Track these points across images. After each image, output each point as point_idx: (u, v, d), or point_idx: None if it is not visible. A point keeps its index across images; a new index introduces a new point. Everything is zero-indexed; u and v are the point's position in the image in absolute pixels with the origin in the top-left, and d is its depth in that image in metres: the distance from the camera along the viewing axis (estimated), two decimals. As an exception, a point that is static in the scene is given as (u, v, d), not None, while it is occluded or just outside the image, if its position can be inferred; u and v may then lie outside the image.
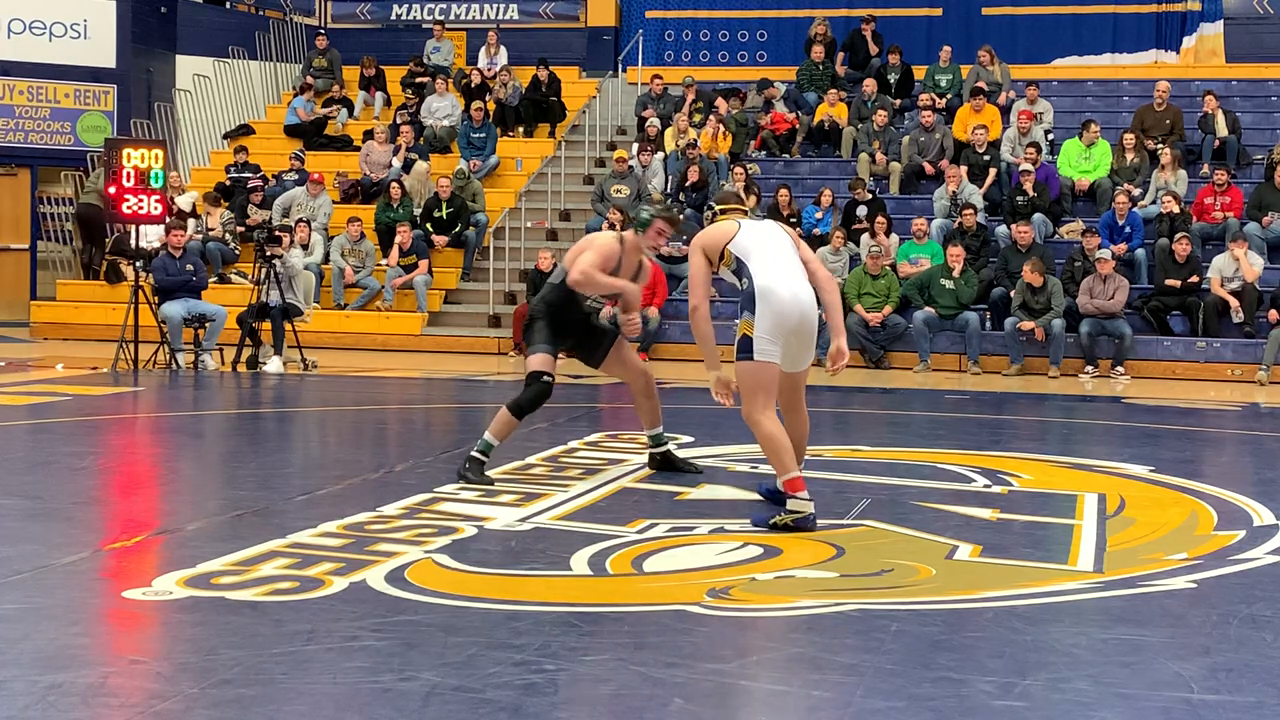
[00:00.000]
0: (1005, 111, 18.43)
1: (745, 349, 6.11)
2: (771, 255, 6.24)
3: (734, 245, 6.27)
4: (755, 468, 7.85)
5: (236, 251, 17.50)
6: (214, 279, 16.35)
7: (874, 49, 20.37)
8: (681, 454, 7.96)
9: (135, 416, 10.88)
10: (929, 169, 17.87)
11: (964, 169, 16.94)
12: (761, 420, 6.13)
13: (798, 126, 19.23)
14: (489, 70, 20.76)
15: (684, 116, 19.00)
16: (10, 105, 19.51)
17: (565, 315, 7.35)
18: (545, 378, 7.21)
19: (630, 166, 17.95)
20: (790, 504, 6.11)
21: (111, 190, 13.67)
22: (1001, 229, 16.18)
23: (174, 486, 7.55)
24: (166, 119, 20.76)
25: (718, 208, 6.63)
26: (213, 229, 17.46)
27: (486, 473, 7.16)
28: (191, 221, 17.29)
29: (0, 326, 18.63)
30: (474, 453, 7.20)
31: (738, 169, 17.52)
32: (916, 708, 3.82)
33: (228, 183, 19.02)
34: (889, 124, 18.55)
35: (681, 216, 16.95)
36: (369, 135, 19.53)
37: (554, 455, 8.17)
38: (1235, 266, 14.99)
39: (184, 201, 17.88)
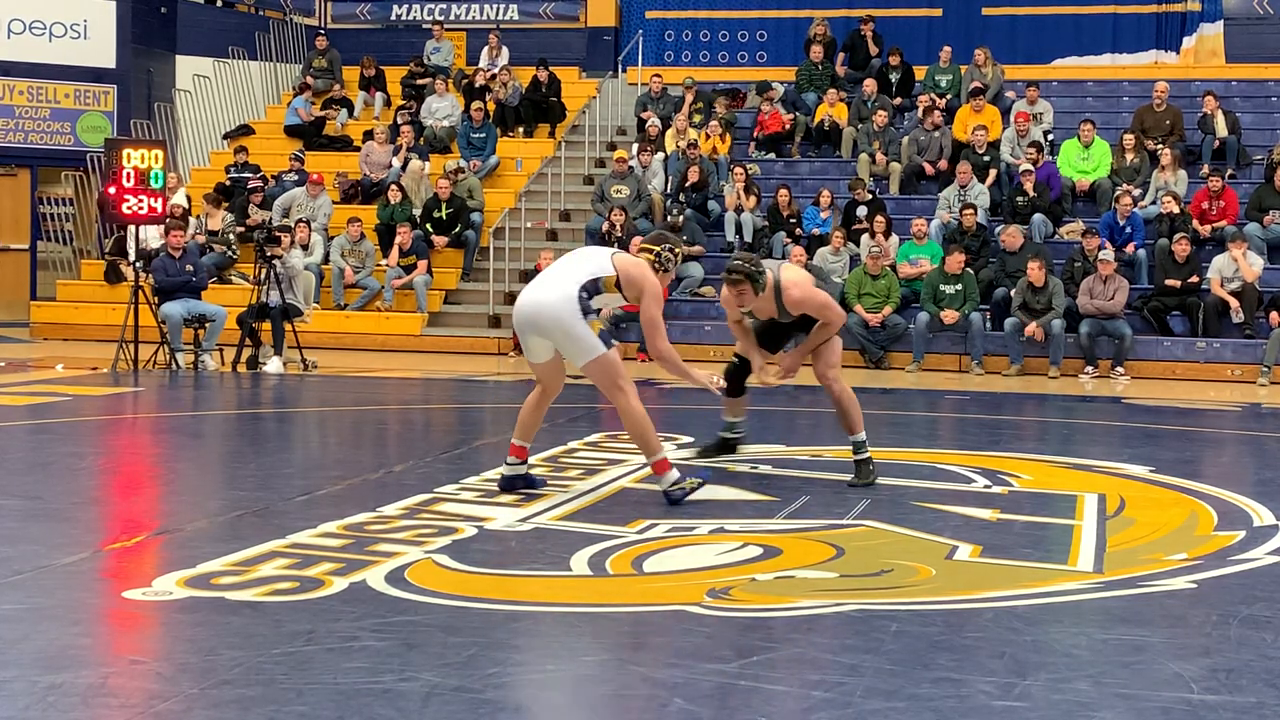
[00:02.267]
0: (1005, 112, 18.43)
1: None
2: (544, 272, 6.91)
3: None
4: (755, 468, 7.86)
5: (232, 255, 17.45)
6: (213, 279, 16.32)
7: (874, 49, 20.37)
8: (680, 454, 7.97)
9: (135, 417, 10.88)
10: (929, 169, 17.85)
11: (969, 168, 16.95)
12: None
13: (791, 127, 19.19)
14: (489, 70, 20.76)
15: (684, 117, 19.00)
16: (10, 105, 19.50)
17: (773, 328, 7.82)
18: (734, 358, 7.94)
19: (630, 167, 17.95)
20: (505, 465, 6.98)
21: (111, 191, 13.67)
22: (1001, 229, 16.19)
23: (174, 486, 7.55)
24: (166, 119, 20.75)
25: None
26: (214, 231, 17.45)
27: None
28: (191, 221, 17.26)
29: (0, 326, 18.63)
30: (720, 434, 8.10)
31: (738, 169, 17.53)
32: (916, 708, 3.82)
33: (228, 183, 19.01)
34: (889, 124, 18.55)
35: (682, 219, 17.09)
36: (369, 135, 19.53)
37: (554, 455, 8.16)
38: (1235, 267, 14.99)
39: (176, 200, 17.81)
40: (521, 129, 20.36)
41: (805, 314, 7.42)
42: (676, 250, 6.98)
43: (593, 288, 6.63)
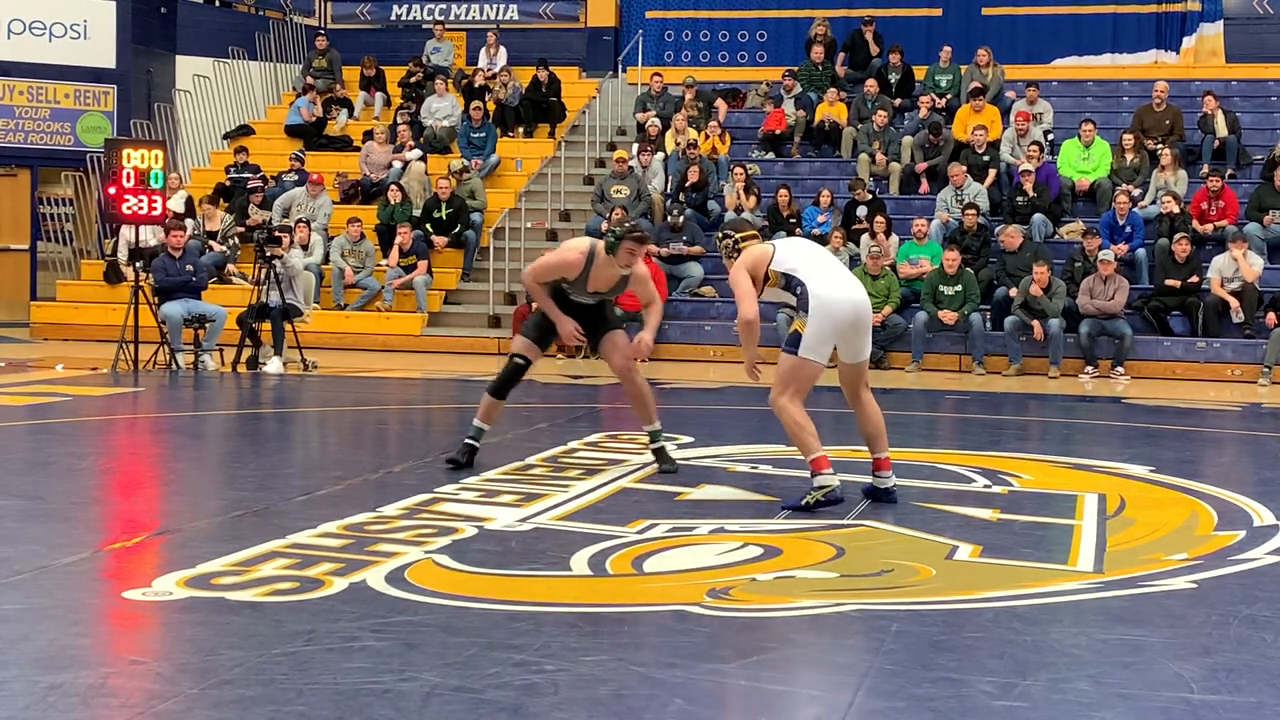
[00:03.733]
0: (1005, 112, 18.43)
1: (793, 343, 6.61)
2: (816, 264, 6.71)
3: (776, 264, 6.68)
4: (755, 468, 7.85)
5: (229, 254, 17.45)
6: (213, 279, 16.32)
7: (874, 49, 20.37)
8: (680, 454, 7.98)
9: (135, 417, 10.88)
10: (920, 170, 17.78)
11: (963, 169, 16.93)
12: (787, 406, 6.63)
13: (788, 129, 19.17)
14: (489, 70, 20.76)
15: (682, 117, 19.00)
16: (10, 105, 19.50)
17: (565, 306, 7.67)
18: (517, 358, 7.68)
19: (630, 167, 17.95)
20: (816, 480, 6.55)
21: (111, 191, 13.67)
22: (1001, 229, 16.18)
23: (174, 486, 7.55)
24: (166, 119, 20.75)
25: (737, 236, 6.91)
26: (212, 232, 17.44)
27: (475, 459, 7.66)
28: (189, 222, 17.25)
29: (0, 326, 18.63)
30: (466, 439, 7.71)
31: (738, 169, 17.52)
32: (916, 708, 3.82)
33: (228, 183, 19.01)
34: (889, 124, 18.55)
35: (682, 219, 17.07)
36: (369, 135, 19.54)
37: (554, 455, 8.17)
38: (1235, 267, 14.99)
39: (175, 203, 17.79)
40: (521, 129, 20.36)
41: (602, 294, 7.64)
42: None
43: None
